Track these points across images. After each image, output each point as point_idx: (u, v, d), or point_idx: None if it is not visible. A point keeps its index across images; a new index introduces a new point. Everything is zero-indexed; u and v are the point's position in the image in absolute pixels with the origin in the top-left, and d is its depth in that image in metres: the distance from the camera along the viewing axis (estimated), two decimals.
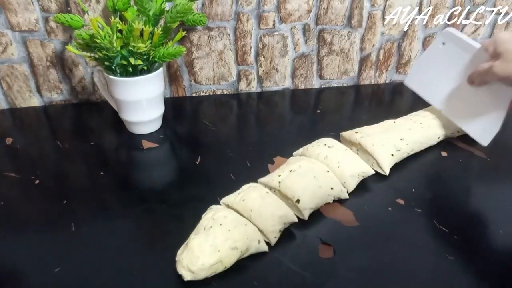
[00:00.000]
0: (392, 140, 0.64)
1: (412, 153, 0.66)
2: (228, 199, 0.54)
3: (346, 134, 0.67)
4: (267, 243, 0.50)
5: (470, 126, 0.62)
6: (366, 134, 0.65)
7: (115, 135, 0.75)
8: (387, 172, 0.62)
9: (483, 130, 0.61)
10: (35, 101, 0.84)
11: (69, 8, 0.75)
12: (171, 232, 0.52)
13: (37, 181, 0.62)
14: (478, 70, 0.58)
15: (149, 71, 0.69)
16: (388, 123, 0.69)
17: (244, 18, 0.82)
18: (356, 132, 0.66)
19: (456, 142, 0.70)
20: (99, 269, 0.47)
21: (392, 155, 0.63)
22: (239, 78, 0.89)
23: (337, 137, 0.68)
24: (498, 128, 0.59)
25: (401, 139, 0.65)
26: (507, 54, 0.53)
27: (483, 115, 0.60)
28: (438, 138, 0.69)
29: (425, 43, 0.91)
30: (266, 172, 0.62)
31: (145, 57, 0.66)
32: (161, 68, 0.71)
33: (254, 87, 0.91)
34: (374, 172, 0.61)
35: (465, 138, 0.71)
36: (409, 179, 0.62)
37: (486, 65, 0.56)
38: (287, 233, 0.52)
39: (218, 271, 0.46)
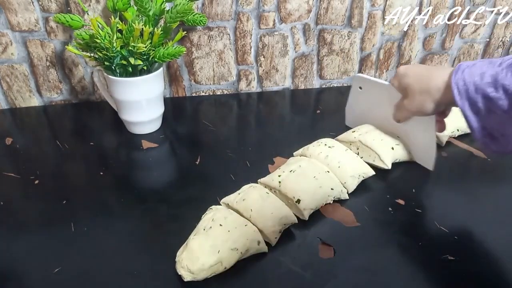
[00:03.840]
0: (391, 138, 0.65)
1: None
2: (228, 198, 0.54)
3: (342, 136, 0.67)
4: (267, 243, 0.50)
5: (413, 154, 0.65)
6: (364, 132, 0.65)
7: (115, 135, 0.75)
8: (389, 166, 0.62)
9: (424, 157, 0.63)
10: (35, 101, 0.84)
11: (69, 8, 0.75)
12: (171, 232, 0.52)
13: (37, 181, 0.62)
14: (395, 109, 0.59)
15: (149, 71, 0.69)
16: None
17: (244, 18, 0.82)
18: (353, 132, 0.66)
19: (456, 142, 0.70)
20: (99, 269, 0.47)
21: (393, 148, 0.63)
22: (239, 78, 0.89)
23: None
24: (435, 152, 0.61)
25: (398, 137, 0.65)
26: (409, 89, 0.54)
27: (418, 143, 0.63)
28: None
29: (425, 43, 0.91)
30: (266, 172, 0.62)
31: (145, 57, 0.66)
32: (161, 68, 0.71)
33: (254, 87, 0.91)
34: (374, 172, 0.61)
35: (465, 138, 0.71)
36: (409, 179, 0.62)
37: (399, 104, 0.58)
38: (287, 234, 0.52)
39: (218, 271, 0.46)
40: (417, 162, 0.65)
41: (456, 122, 0.70)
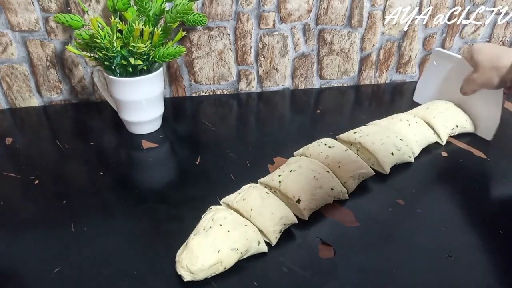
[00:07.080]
0: (392, 139, 0.64)
1: (413, 156, 0.66)
2: (228, 198, 0.54)
3: (344, 135, 0.67)
4: (267, 243, 0.50)
5: (476, 126, 0.72)
6: (365, 134, 0.65)
7: (115, 135, 0.75)
8: (387, 171, 0.62)
9: (485, 128, 0.71)
10: (35, 101, 0.84)
11: (69, 8, 0.75)
12: (171, 232, 0.52)
13: (37, 181, 0.62)
14: (464, 82, 0.67)
15: (149, 71, 0.69)
16: (385, 121, 0.69)
17: (244, 18, 0.82)
18: (355, 132, 0.66)
19: (456, 142, 0.70)
20: (99, 269, 0.47)
21: (392, 154, 0.63)
22: (239, 78, 0.89)
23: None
24: (498, 123, 0.67)
25: (401, 139, 0.65)
26: (480, 64, 0.62)
27: (482, 115, 0.70)
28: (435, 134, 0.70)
29: (425, 43, 0.91)
30: (266, 172, 0.62)
31: (145, 57, 0.66)
32: (161, 68, 0.71)
33: (254, 87, 0.91)
34: (374, 173, 0.61)
35: (465, 138, 0.72)
36: (409, 179, 0.62)
37: (468, 78, 0.66)
38: (287, 233, 0.52)
39: (217, 271, 0.46)
40: (477, 133, 0.72)
41: (454, 118, 0.70)
